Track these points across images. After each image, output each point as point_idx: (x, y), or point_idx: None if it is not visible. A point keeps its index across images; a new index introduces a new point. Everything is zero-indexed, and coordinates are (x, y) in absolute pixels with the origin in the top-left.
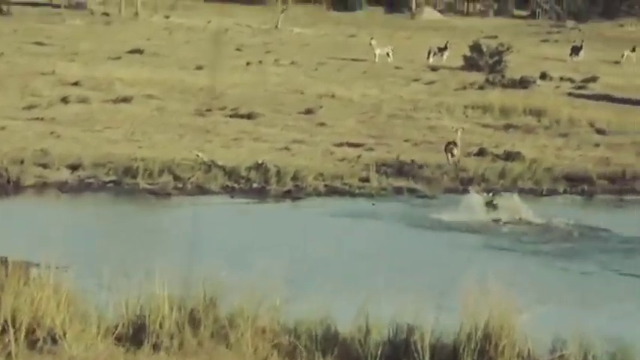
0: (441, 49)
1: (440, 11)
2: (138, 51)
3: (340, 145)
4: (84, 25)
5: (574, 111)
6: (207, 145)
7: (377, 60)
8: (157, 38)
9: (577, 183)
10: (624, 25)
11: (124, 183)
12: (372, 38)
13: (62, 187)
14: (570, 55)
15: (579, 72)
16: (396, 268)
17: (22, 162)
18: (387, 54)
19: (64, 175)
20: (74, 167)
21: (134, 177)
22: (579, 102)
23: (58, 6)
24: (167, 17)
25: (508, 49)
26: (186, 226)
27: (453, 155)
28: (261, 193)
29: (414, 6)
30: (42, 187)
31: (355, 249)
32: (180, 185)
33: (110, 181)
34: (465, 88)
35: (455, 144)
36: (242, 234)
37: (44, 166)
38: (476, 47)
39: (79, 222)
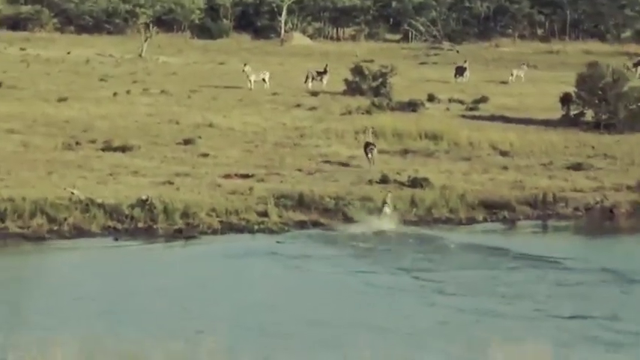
0: (320, 74)
1: (309, 36)
2: None
3: (228, 176)
4: None
5: (472, 133)
6: (80, 181)
7: (252, 87)
8: (13, 70)
9: (496, 210)
10: (500, 45)
11: None
12: (245, 64)
13: None
14: (455, 76)
15: (467, 93)
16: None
17: None
18: (263, 80)
19: None
20: None
21: (2, 220)
22: (474, 124)
23: None
24: (23, 49)
25: (392, 70)
26: (62, 278)
27: (372, 155)
28: (148, 234)
29: (282, 32)
30: None
31: (259, 300)
32: (55, 227)
33: None
34: (350, 112)
35: (374, 144)
36: (126, 285)
37: None
38: (358, 70)
39: None
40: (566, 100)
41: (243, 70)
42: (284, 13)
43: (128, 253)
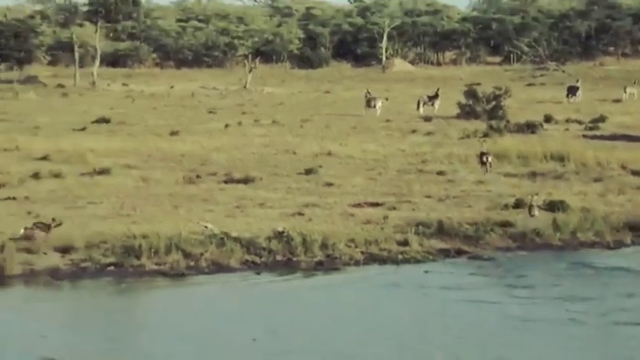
0: (432, 98)
1: (410, 62)
2: (104, 120)
3: (358, 205)
4: (39, 98)
5: (598, 153)
6: (208, 215)
7: (379, 112)
8: (120, 107)
9: None
10: (604, 63)
11: (127, 265)
12: (367, 90)
13: (54, 274)
14: (567, 96)
15: (582, 113)
16: None
17: (1, 248)
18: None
19: (54, 259)
20: (64, 250)
21: (137, 257)
22: (597, 143)
23: (10, 81)
24: (125, 85)
25: (506, 92)
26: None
27: (488, 164)
28: (288, 267)
29: (383, 58)
30: (30, 275)
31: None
32: (192, 263)
33: (110, 264)
34: (468, 136)
35: (488, 154)
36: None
37: (28, 250)
38: (471, 93)
39: (78, 317)
40: None
41: (367, 97)
42: (385, 39)
43: (278, 289)
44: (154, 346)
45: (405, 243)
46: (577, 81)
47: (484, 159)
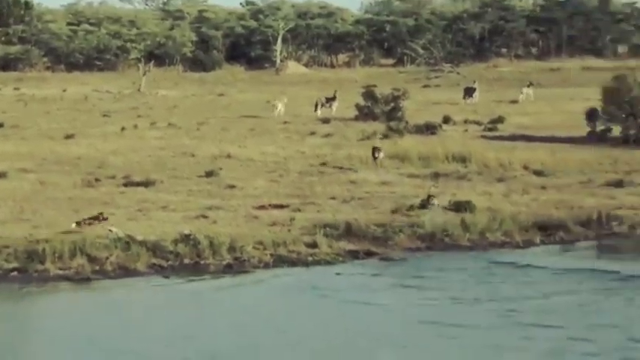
0: (330, 100)
1: (304, 65)
2: None
3: (262, 207)
4: None
5: (499, 154)
6: (110, 218)
7: (278, 115)
8: (12, 110)
9: (550, 231)
10: (497, 65)
11: (31, 270)
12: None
13: None
14: (464, 97)
15: (480, 114)
16: None
17: None
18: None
19: None
20: None
21: (41, 262)
22: (497, 144)
23: None
24: (17, 89)
25: (404, 94)
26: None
27: (377, 157)
28: (196, 270)
29: (278, 61)
30: None
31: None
32: (97, 267)
33: (13, 269)
34: (368, 138)
35: (379, 149)
36: (192, 325)
37: None
38: (369, 94)
39: None
40: (591, 115)
41: (270, 102)
42: (279, 41)
43: (185, 292)
44: (53, 353)
45: (313, 245)
46: (474, 82)
47: (375, 154)
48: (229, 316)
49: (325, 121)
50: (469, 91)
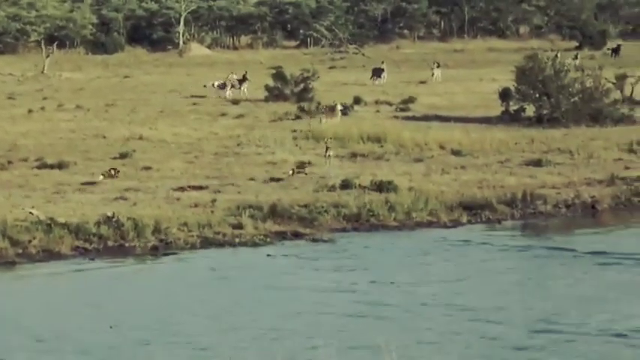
0: (240, 81)
1: (207, 47)
2: None
3: (181, 189)
4: None
5: (414, 134)
6: (26, 201)
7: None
8: None
9: (476, 211)
10: (400, 46)
11: None
12: (231, 73)
13: None
14: (372, 78)
15: (391, 95)
16: None
17: None
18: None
19: None
20: None
21: None
22: (411, 124)
23: None
24: None
25: (314, 75)
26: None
27: (329, 156)
28: (121, 252)
29: (181, 42)
30: None
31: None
32: (21, 251)
33: None
34: (280, 119)
35: (330, 148)
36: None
37: None
38: (279, 75)
39: None
40: (505, 95)
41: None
42: (181, 23)
43: (110, 275)
44: None
45: (239, 226)
46: (382, 63)
47: (327, 153)
48: (147, 297)
49: (235, 102)
50: (377, 72)
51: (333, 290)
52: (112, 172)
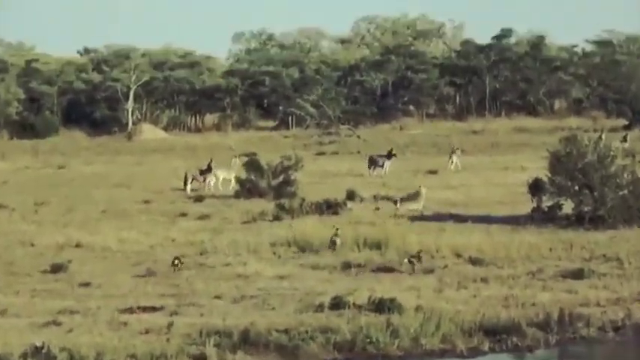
0: (203, 172)
1: (163, 128)
2: None
3: (129, 310)
4: None
5: (423, 238)
6: None
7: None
8: None
9: (501, 336)
10: (405, 127)
11: None
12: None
13: None
14: (370, 167)
15: (393, 188)
16: None
17: None
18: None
19: None
20: None
21: None
22: (420, 226)
23: None
24: None
25: (297, 163)
26: None
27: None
28: None
29: (130, 123)
30: None
31: None
32: None
33: None
34: (254, 220)
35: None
36: None
37: None
38: (254, 165)
39: None
40: (536, 188)
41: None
42: (130, 99)
43: None
44: None
45: (201, 358)
46: (391, 149)
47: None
48: None
49: (198, 199)
50: (373, 161)
51: None
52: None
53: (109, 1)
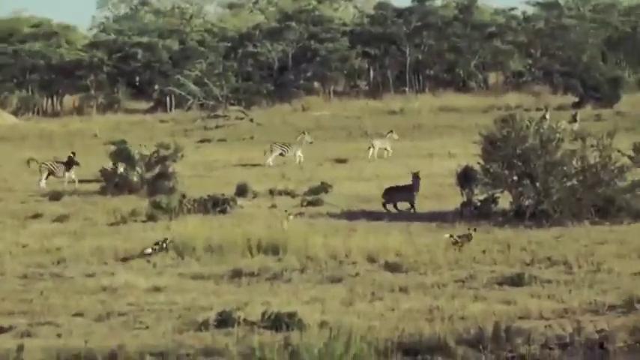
0: (67, 164)
1: (13, 113)
2: None
3: None
4: None
5: (330, 240)
6: None
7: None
8: None
9: (425, 356)
10: (309, 106)
11: None
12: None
13: None
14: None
15: (293, 180)
16: None
17: None
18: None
19: None
20: None
21: None
22: (325, 225)
23: None
24: None
25: (176, 152)
26: None
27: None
28: None
29: None
30: None
31: None
32: None
33: None
34: (124, 221)
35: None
36: None
37: None
38: (122, 155)
39: None
40: (466, 179)
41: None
42: None
43: None
44: None
45: None
46: (304, 133)
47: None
48: None
49: (55, 196)
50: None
51: None
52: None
53: None
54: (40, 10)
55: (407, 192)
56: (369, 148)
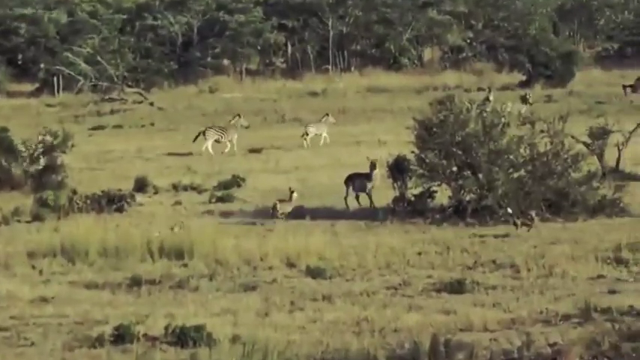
0: None
1: None
2: None
3: None
4: None
5: (242, 242)
6: None
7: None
8: None
9: None
10: (217, 88)
11: None
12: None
13: None
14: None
15: (200, 174)
16: None
17: None
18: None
19: None
20: None
21: None
22: (238, 225)
23: None
24: None
25: (65, 140)
26: None
27: None
28: None
29: None
30: None
31: None
32: None
33: None
34: (5, 221)
35: None
36: None
37: None
38: (3, 144)
39: None
40: (399, 170)
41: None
42: None
43: None
44: None
45: None
46: (238, 116)
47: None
48: None
49: None
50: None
51: None
52: None
53: None
54: None
55: (362, 181)
56: (303, 135)
